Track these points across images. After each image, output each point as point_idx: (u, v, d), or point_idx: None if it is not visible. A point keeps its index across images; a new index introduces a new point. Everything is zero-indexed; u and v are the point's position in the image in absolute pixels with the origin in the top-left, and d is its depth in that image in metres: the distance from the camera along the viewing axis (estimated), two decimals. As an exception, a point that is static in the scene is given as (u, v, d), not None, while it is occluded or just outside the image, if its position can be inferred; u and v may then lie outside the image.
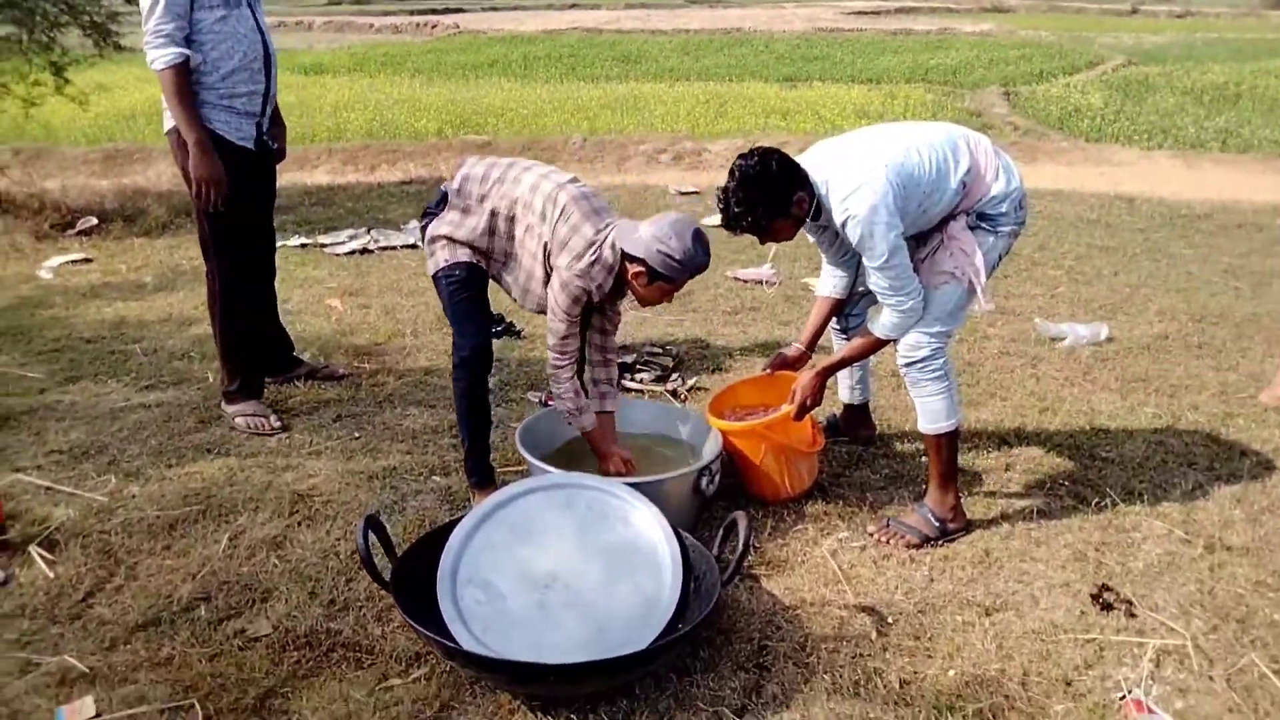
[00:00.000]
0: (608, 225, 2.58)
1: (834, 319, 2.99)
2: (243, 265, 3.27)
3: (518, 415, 3.41)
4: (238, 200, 3.13)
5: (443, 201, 2.73)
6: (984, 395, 3.62)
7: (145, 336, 4.20)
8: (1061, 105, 11.63)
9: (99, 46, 6.23)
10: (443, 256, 2.72)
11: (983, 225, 2.54)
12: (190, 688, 2.03)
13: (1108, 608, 2.36)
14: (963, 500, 2.76)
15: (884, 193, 2.36)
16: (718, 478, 2.70)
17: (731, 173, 2.48)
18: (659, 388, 3.72)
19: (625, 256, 2.53)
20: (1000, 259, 2.61)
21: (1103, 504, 2.83)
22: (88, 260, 5.43)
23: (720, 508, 2.78)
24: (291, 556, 2.53)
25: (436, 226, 2.72)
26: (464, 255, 2.71)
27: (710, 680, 2.09)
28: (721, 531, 2.29)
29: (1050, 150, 8.91)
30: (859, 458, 3.15)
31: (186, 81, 2.96)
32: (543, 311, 2.68)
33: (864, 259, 2.46)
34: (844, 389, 3.20)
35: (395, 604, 2.07)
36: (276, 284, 3.64)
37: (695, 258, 2.49)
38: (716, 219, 2.64)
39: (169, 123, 3.08)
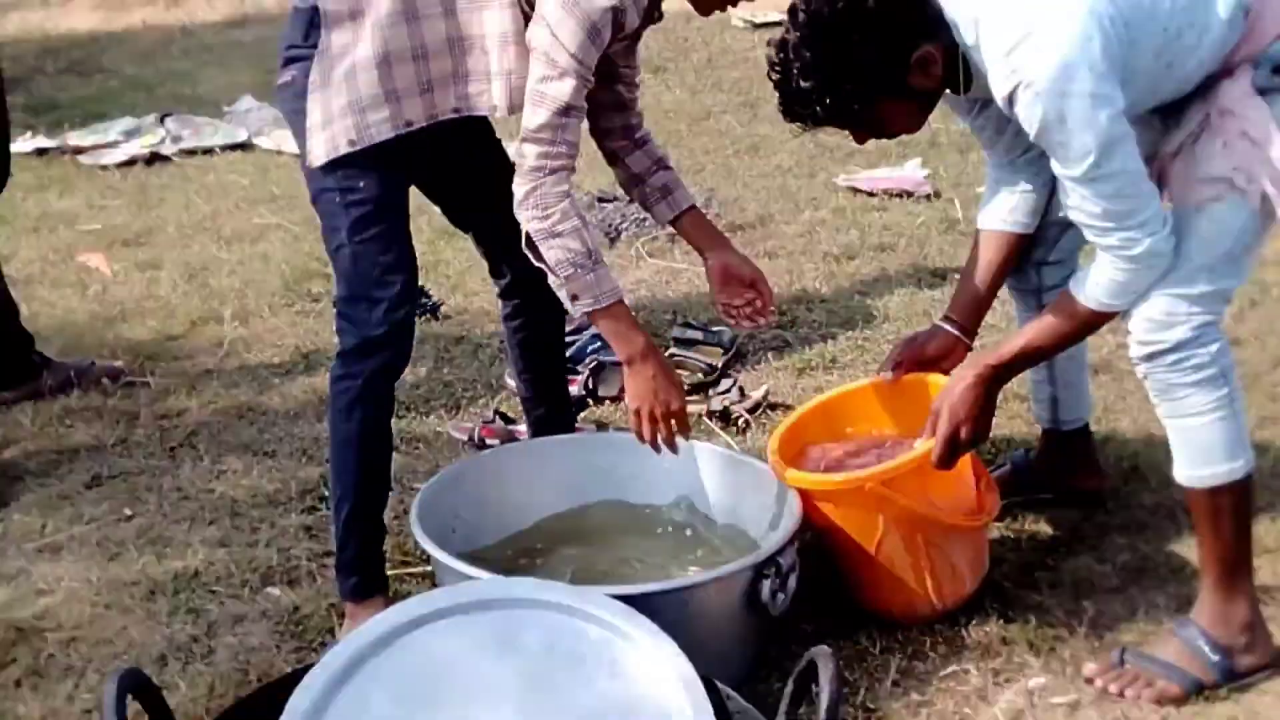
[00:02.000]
0: None
1: (1013, 274, 3.02)
2: None
3: (426, 468, 3.46)
4: None
5: (313, 27, 2.79)
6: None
7: None
8: None
9: None
10: (324, 139, 2.78)
11: (1285, 87, 2.55)
12: None
13: None
14: (1270, 613, 2.76)
15: (1085, 38, 2.35)
16: (793, 580, 2.70)
17: (792, 13, 2.52)
18: (697, 405, 3.75)
19: None
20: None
21: None
22: None
23: (801, 636, 2.81)
24: (4, 743, 2.59)
25: (315, 75, 2.78)
26: (373, 126, 2.76)
27: None
28: (792, 684, 2.30)
29: None
30: (1073, 532, 3.18)
31: None
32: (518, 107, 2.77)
33: (1055, 163, 2.47)
34: (1038, 404, 3.23)
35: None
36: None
37: None
38: None
39: None
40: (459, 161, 2.94)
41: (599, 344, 3.98)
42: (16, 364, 3.89)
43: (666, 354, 3.94)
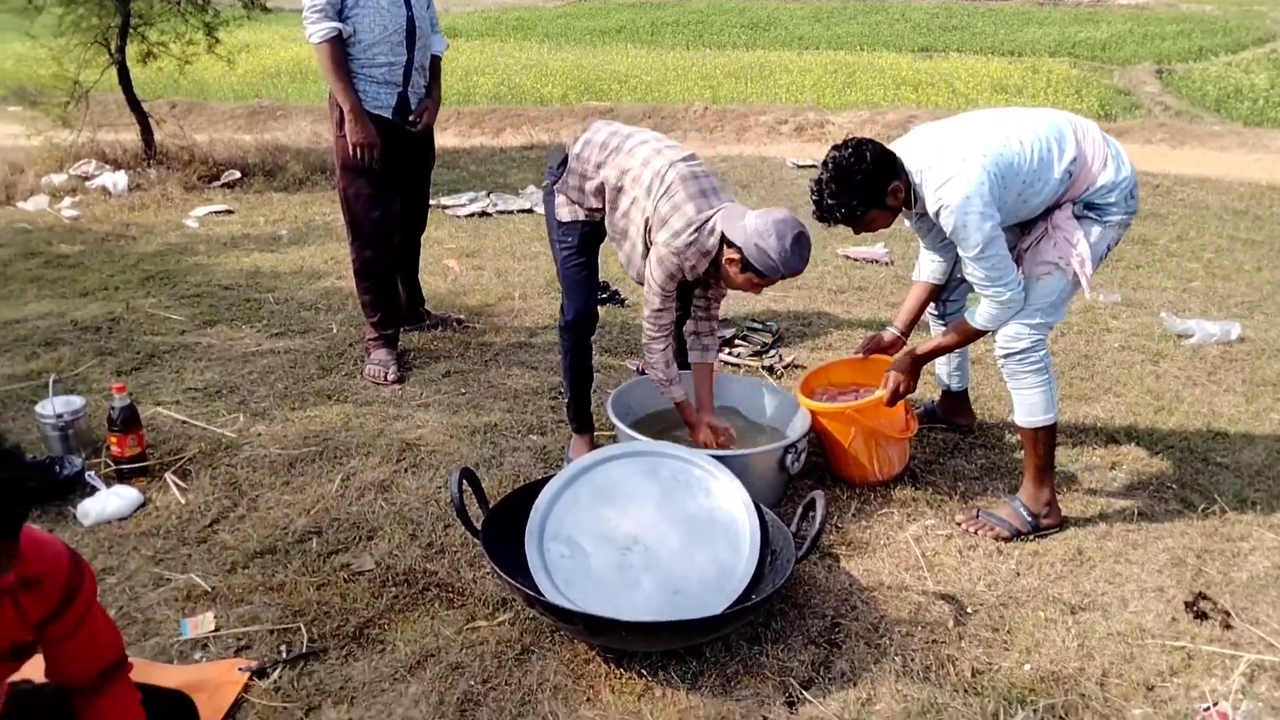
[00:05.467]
0: (714, 209, 2.51)
1: (932, 305, 2.95)
2: (377, 227, 3.45)
3: (615, 381, 3.49)
4: (373, 166, 3.32)
5: (564, 164, 2.75)
6: (1098, 390, 3.51)
7: (278, 287, 4.48)
8: (1220, 85, 10.88)
9: (248, 8, 6.59)
10: (563, 213, 2.77)
11: (1089, 215, 2.48)
12: (298, 612, 2.23)
13: (1202, 616, 2.30)
14: (1061, 497, 2.72)
15: (979, 183, 2.32)
16: (804, 456, 2.73)
17: (825, 164, 2.46)
18: (755, 363, 3.74)
19: (724, 240, 2.48)
20: (1109, 249, 2.54)
21: (1210, 510, 2.73)
22: (229, 212, 5.81)
23: (806, 485, 2.81)
24: (396, 500, 2.69)
25: (560, 188, 2.77)
26: (583, 214, 2.74)
27: (780, 651, 2.15)
28: (801, 509, 2.32)
29: (1201, 134, 8.38)
30: (955, 445, 3.12)
31: (341, 54, 3.18)
32: (643, 282, 2.70)
33: (959, 249, 2.42)
34: (942, 375, 3.16)
35: (483, 551, 2.19)
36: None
37: (790, 262, 2.42)
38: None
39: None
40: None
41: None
42: (414, 312, 3.96)
43: (740, 334, 3.96)
